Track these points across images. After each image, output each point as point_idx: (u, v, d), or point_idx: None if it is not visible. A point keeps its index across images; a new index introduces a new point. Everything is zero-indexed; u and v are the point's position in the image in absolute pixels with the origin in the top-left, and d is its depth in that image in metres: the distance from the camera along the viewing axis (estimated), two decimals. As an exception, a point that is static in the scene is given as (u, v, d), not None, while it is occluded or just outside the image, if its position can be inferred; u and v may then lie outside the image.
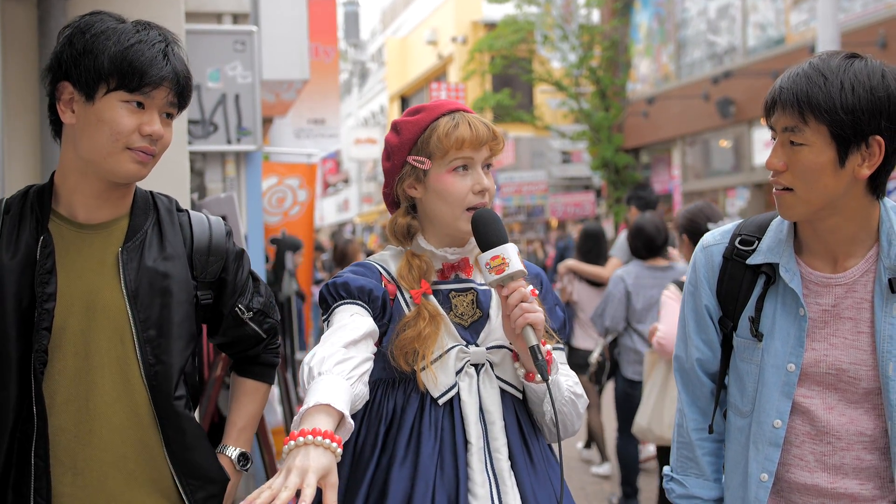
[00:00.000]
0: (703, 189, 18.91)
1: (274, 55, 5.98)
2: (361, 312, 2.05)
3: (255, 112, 5.21)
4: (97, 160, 1.97)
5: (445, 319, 2.13)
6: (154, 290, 2.04)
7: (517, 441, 2.12)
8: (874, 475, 2.04)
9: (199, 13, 5.16)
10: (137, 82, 1.94)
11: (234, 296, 2.22)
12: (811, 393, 2.06)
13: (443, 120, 2.14)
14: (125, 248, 2.04)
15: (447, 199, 2.13)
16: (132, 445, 2.02)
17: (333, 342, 1.92)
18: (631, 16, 20.92)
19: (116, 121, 1.94)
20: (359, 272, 2.15)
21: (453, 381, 2.10)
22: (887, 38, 13.01)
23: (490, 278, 2.05)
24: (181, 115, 3.57)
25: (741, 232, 2.19)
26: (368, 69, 43.73)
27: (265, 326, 2.31)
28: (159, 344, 2.03)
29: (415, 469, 2.04)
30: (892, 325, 1.98)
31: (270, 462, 4.34)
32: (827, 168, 1.93)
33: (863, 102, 1.88)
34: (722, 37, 17.96)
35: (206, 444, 2.15)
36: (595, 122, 19.76)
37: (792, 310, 2.07)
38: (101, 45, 1.93)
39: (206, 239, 2.17)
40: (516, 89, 22.70)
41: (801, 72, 1.95)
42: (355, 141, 33.26)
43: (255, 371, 2.36)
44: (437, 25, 32.00)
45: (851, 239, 2.03)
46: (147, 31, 2.00)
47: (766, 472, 2.09)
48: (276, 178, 7.27)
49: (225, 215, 4.32)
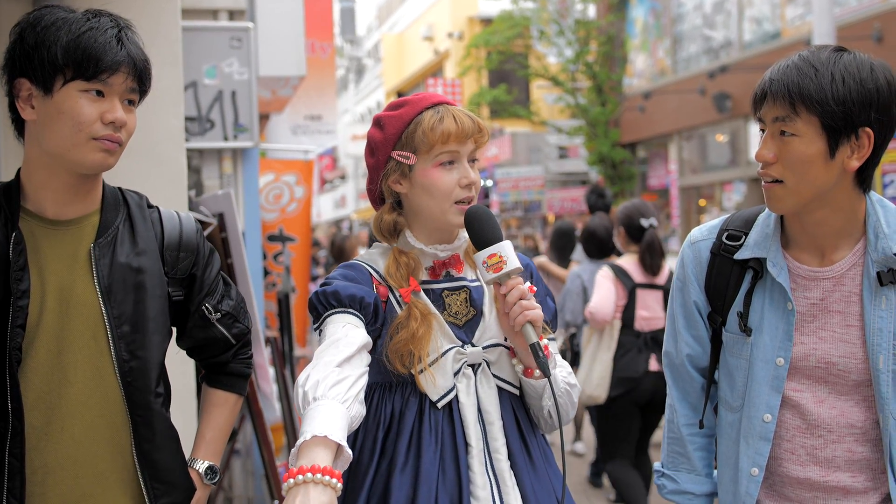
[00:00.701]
0: (700, 183, 18.92)
1: (270, 51, 5.97)
2: (354, 322, 2.03)
3: (252, 109, 5.21)
4: (62, 153, 1.93)
5: (439, 319, 2.11)
6: (127, 286, 2.02)
7: (516, 440, 2.11)
8: (866, 467, 2.04)
9: (195, 10, 5.15)
10: (93, 69, 1.90)
11: (202, 293, 2.19)
12: (801, 387, 2.07)
13: (427, 114, 2.10)
14: (97, 244, 2.01)
15: (434, 194, 2.10)
16: (104, 444, 1.99)
17: (327, 362, 1.89)
18: (627, 11, 20.91)
19: (77, 111, 1.90)
20: (349, 276, 2.11)
21: (451, 383, 2.08)
22: (883, 31, 13.02)
23: (487, 276, 2.04)
24: (177, 112, 3.55)
25: (728, 227, 2.20)
26: (365, 65, 43.70)
27: (234, 331, 2.26)
28: (133, 339, 2.01)
29: (417, 475, 2.02)
30: (882, 318, 2.00)
31: (269, 459, 4.34)
32: (817, 159, 1.94)
33: (853, 94, 1.90)
34: (718, 31, 17.96)
35: (176, 448, 2.11)
36: (591, 117, 19.77)
37: (780, 304, 2.08)
38: (52, 37, 1.89)
39: (176, 234, 2.14)
40: (513, 85, 22.70)
41: (791, 63, 1.96)
42: (352, 137, 33.25)
43: (224, 381, 2.30)
44: (434, 21, 31.98)
45: (839, 232, 2.04)
46: (98, 18, 1.96)
47: (756, 467, 2.10)
48: (273, 175, 7.25)
49: (222, 212, 4.32)
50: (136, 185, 2.39)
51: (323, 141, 12.59)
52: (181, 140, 3.62)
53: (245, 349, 2.33)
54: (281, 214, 7.23)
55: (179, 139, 3.61)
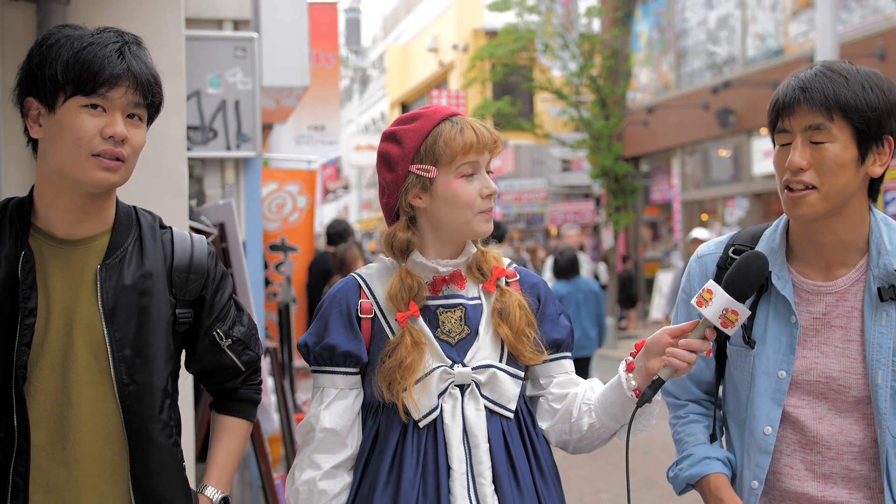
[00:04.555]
0: (702, 198, 18.91)
1: (274, 62, 5.98)
2: (348, 384, 2.12)
3: (255, 118, 5.21)
4: (64, 170, 1.92)
5: (430, 340, 2.09)
6: (131, 309, 2.00)
7: (503, 463, 2.07)
8: (863, 485, 2.05)
9: (199, 19, 5.16)
10: (92, 84, 1.88)
11: (212, 317, 2.16)
12: (801, 403, 2.08)
13: (445, 126, 2.10)
14: (104, 266, 1.99)
15: (457, 206, 2.08)
16: (105, 465, 1.98)
17: (320, 463, 2.08)
18: (631, 25, 20.93)
19: (76, 126, 1.89)
20: (341, 311, 2.13)
21: (436, 402, 2.07)
22: (885, 49, 13.03)
23: (713, 320, 1.98)
24: (179, 122, 3.55)
25: (735, 242, 2.23)
26: (369, 76, 43.78)
27: (244, 358, 2.23)
28: (134, 364, 1.99)
29: (396, 495, 2.02)
30: (882, 334, 2.02)
31: (266, 471, 4.32)
32: (850, 165, 1.99)
33: (881, 103, 1.98)
34: (721, 47, 17.97)
35: (177, 479, 2.07)
36: (595, 130, 19.75)
37: (784, 317, 2.10)
38: (55, 54, 1.89)
39: (187, 257, 2.12)
40: (517, 97, 22.69)
41: (817, 73, 2.01)
42: (356, 147, 33.25)
43: (233, 407, 2.27)
44: (439, 33, 32.03)
45: (846, 246, 2.08)
46: (102, 34, 1.94)
47: (756, 480, 2.11)
48: (275, 185, 7.26)
49: (223, 222, 4.32)
50: (137, 194, 2.38)
51: (326, 151, 12.61)
52: (182, 149, 3.62)
53: (255, 376, 2.30)
54: (283, 224, 7.23)
55: (181, 148, 3.61)
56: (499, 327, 2.12)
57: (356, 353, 2.09)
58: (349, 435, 2.10)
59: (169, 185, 3.54)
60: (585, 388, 2.18)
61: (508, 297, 2.15)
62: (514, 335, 2.11)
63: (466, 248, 2.16)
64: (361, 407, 2.13)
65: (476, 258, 2.18)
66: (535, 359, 2.14)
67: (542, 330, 2.18)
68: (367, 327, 2.12)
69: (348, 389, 2.11)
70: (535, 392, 2.23)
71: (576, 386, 2.20)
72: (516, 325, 2.12)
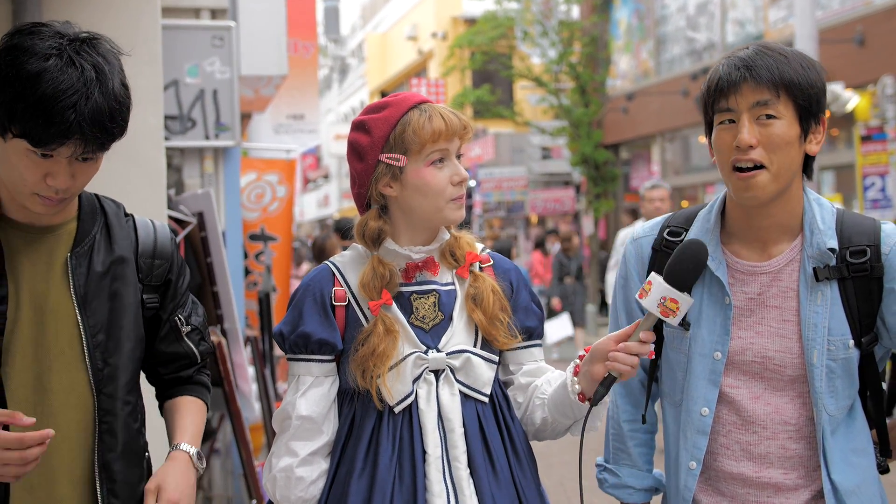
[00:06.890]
0: (683, 185, 18.99)
1: (252, 51, 5.96)
2: (323, 371, 2.13)
3: (234, 108, 5.20)
4: (12, 191, 1.92)
5: (404, 327, 2.10)
6: (103, 295, 2.01)
7: (479, 447, 2.09)
8: (799, 464, 2.09)
9: (176, 8, 5.14)
10: (38, 139, 1.79)
11: (175, 300, 2.18)
12: (737, 383, 2.11)
13: (413, 114, 2.09)
14: (74, 254, 2.00)
15: (427, 194, 2.09)
16: (80, 451, 1.98)
17: (297, 450, 2.09)
18: (610, 12, 20.95)
19: (21, 167, 1.84)
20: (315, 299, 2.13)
21: (410, 388, 2.08)
22: (864, 34, 13.09)
23: (652, 311, 1.96)
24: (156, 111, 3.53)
25: (670, 224, 2.26)
26: (348, 65, 43.61)
27: (201, 348, 2.25)
28: (107, 347, 2.01)
29: (372, 481, 2.03)
30: (817, 314, 2.05)
31: (248, 459, 4.33)
32: (795, 142, 2.02)
33: (818, 81, 2.03)
34: (701, 33, 18.03)
35: (137, 461, 2.09)
36: (575, 118, 19.77)
37: (718, 298, 2.13)
38: (13, 87, 1.78)
39: (150, 242, 2.13)
40: (496, 85, 22.68)
41: (758, 52, 2.04)
42: (335, 137, 33.18)
43: (189, 389, 2.26)
44: (418, 21, 31.95)
45: (782, 226, 2.10)
46: (72, 67, 1.79)
47: (694, 460, 2.15)
48: (254, 174, 7.24)
49: (202, 211, 4.31)
50: (114, 183, 2.38)
51: (305, 140, 12.58)
52: (160, 139, 3.61)
53: (205, 370, 2.32)
54: (263, 213, 7.21)
55: (158, 138, 3.60)
56: (472, 312, 2.12)
57: (331, 340, 2.10)
58: (325, 422, 2.11)
59: (146, 175, 3.53)
60: (542, 382, 2.20)
61: (482, 283, 2.15)
62: (487, 320, 2.12)
63: (439, 235, 2.16)
64: (337, 394, 2.15)
65: (449, 244, 2.18)
66: (509, 343, 2.16)
67: (514, 316, 2.19)
68: (341, 315, 2.13)
69: (324, 377, 2.12)
70: (504, 378, 2.24)
71: (543, 375, 2.21)
72: (490, 310, 2.12)
